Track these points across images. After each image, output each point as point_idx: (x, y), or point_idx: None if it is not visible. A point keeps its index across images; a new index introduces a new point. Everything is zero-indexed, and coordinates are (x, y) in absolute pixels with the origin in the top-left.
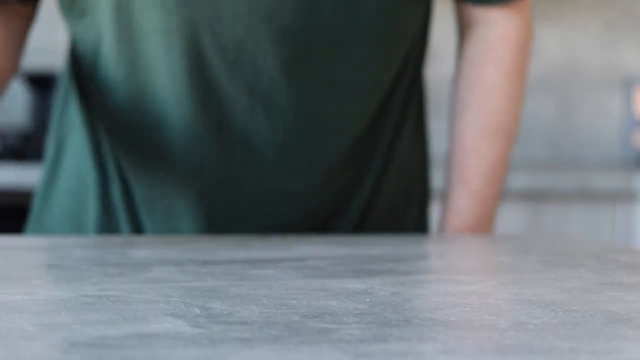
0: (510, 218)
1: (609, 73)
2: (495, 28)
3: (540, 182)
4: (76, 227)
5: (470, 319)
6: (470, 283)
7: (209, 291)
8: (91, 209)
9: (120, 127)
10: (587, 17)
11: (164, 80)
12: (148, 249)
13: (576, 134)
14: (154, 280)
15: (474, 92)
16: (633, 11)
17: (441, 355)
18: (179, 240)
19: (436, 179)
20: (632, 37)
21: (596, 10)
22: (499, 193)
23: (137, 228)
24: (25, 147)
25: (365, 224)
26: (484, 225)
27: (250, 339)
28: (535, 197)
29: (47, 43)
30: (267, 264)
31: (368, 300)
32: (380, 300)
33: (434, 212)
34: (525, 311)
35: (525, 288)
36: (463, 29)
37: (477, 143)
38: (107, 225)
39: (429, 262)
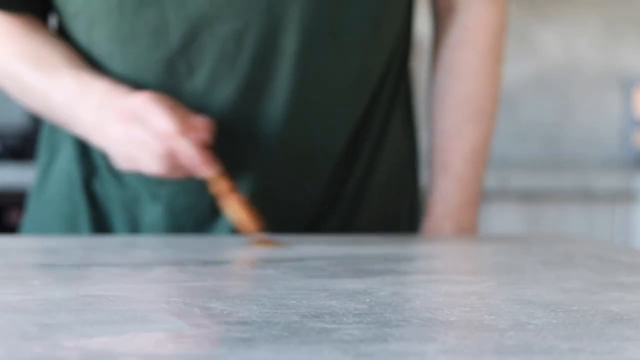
0: (510, 218)
1: (609, 73)
2: (472, 13)
3: (540, 182)
4: (71, 227)
5: (470, 319)
6: (470, 283)
7: (209, 291)
8: (83, 211)
9: None
10: (587, 17)
11: (162, 78)
12: (148, 249)
13: (576, 134)
14: (154, 280)
15: (453, 77)
16: (633, 11)
17: (441, 355)
18: (179, 240)
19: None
20: (632, 37)
21: (596, 10)
22: (482, 177)
23: (133, 227)
24: (25, 147)
25: (358, 213)
26: (468, 209)
27: (250, 339)
28: (534, 197)
29: None
30: (267, 264)
31: (368, 300)
32: (380, 300)
33: None
34: (525, 311)
35: (525, 288)
36: (440, 16)
37: (460, 127)
38: (102, 225)
39: (429, 262)
